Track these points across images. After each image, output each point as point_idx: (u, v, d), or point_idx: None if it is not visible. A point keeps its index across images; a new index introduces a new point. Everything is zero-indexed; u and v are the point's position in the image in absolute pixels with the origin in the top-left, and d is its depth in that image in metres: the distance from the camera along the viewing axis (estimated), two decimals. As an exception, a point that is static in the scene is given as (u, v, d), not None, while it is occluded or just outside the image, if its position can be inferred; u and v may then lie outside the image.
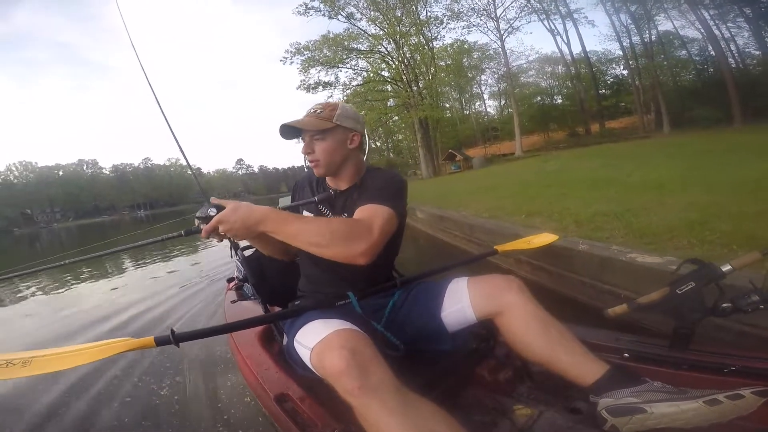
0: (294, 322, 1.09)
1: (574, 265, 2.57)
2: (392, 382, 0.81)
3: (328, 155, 1.12)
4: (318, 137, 1.11)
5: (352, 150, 1.16)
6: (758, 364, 0.93)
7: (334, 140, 1.12)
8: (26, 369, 0.77)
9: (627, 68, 26.58)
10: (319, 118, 1.10)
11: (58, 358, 0.80)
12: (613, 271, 2.27)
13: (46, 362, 0.79)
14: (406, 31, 22.57)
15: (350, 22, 22.69)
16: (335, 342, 0.85)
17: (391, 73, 23.74)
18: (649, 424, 0.83)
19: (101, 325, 3.41)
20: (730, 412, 0.79)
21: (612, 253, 2.35)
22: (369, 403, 0.77)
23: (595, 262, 2.40)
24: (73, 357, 0.80)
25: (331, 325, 0.93)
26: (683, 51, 23.69)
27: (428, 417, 0.78)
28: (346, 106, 1.15)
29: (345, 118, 1.12)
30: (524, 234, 2.60)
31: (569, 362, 0.98)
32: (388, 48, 23.17)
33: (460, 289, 1.14)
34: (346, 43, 22.53)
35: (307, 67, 22.41)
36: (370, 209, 1.04)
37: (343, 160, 1.15)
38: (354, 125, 1.14)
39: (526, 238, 1.50)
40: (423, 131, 23.62)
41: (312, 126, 1.10)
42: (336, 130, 1.11)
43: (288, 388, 1.12)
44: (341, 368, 0.79)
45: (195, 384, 2.02)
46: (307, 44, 22.21)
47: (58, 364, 0.79)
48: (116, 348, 0.82)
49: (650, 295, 1.07)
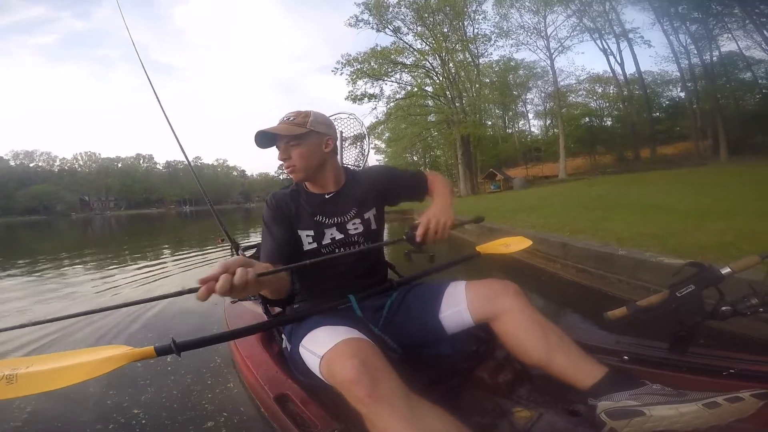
0: (297, 327, 1.10)
1: (614, 267, 3.06)
2: (402, 390, 0.82)
3: (305, 160, 1.14)
4: (293, 143, 1.13)
5: (328, 153, 1.19)
6: (757, 367, 0.94)
7: (310, 145, 1.14)
8: (11, 388, 0.71)
9: (684, 90, 25.14)
10: (292, 125, 1.13)
11: (49, 376, 0.74)
12: (645, 270, 2.77)
13: (37, 380, 0.73)
14: (452, 47, 22.87)
15: (397, 36, 23.37)
16: (345, 351, 0.87)
17: (434, 88, 23.97)
18: (647, 427, 0.83)
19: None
20: (729, 414, 0.79)
21: (645, 257, 2.86)
22: (379, 411, 0.78)
23: (630, 264, 2.91)
24: (67, 373, 0.75)
25: (339, 333, 0.95)
26: (748, 73, 22.18)
27: (438, 423, 0.79)
28: (317, 112, 1.19)
29: (318, 123, 1.15)
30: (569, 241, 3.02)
31: (567, 365, 0.98)
32: (433, 63, 23.53)
33: (458, 293, 1.15)
34: (392, 56, 23.10)
35: (355, 79, 23.19)
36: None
37: (320, 164, 1.18)
38: (327, 130, 1.18)
39: (503, 240, 1.55)
40: (464, 148, 23.65)
41: (286, 132, 1.12)
42: (310, 135, 1.14)
43: (288, 389, 1.13)
44: (352, 377, 0.81)
45: (194, 384, 2.01)
46: (357, 56, 23.03)
47: (48, 382, 0.73)
48: (115, 361, 0.79)
49: (650, 298, 1.08)
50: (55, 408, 1.87)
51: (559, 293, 3.35)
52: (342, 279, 1.19)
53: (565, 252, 3.72)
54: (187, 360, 2.25)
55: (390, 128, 26.06)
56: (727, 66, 22.31)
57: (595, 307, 2.71)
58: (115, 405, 1.87)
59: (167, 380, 2.07)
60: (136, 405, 1.86)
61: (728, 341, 1.11)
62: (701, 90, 22.88)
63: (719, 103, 21.69)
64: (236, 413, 1.66)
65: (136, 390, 2.00)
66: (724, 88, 22.51)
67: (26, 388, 0.71)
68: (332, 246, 1.19)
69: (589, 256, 3.34)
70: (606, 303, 2.65)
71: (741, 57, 21.80)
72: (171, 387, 2.00)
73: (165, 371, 2.17)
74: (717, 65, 22.17)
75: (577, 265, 3.46)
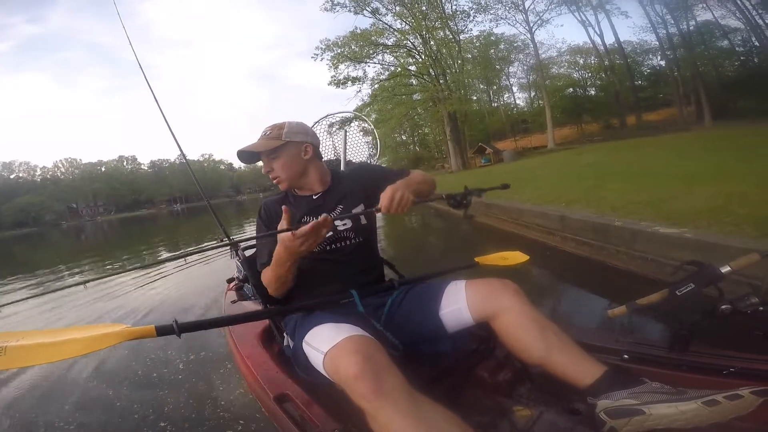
0: (299, 323, 1.12)
1: (611, 238, 3.22)
2: (405, 388, 0.83)
3: (287, 170, 1.22)
4: (273, 156, 1.21)
5: (309, 160, 1.25)
6: (757, 365, 0.94)
7: (288, 155, 1.21)
8: (1, 360, 0.66)
9: (664, 58, 25.57)
10: (269, 139, 1.21)
11: (42, 349, 0.69)
12: (642, 240, 2.88)
13: (27, 353, 0.68)
14: (432, 25, 22.63)
15: (376, 17, 23.05)
16: (349, 347, 0.88)
17: (417, 67, 23.86)
18: (647, 425, 0.83)
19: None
20: (728, 412, 0.79)
21: (641, 227, 2.99)
22: (383, 407, 0.79)
23: (627, 235, 3.04)
24: (62, 347, 0.70)
25: (342, 330, 0.95)
26: (725, 41, 22.59)
27: (441, 421, 0.80)
28: (293, 122, 1.25)
29: (293, 133, 1.22)
30: (567, 213, 3.29)
31: (566, 364, 0.98)
32: (414, 42, 23.34)
33: (458, 291, 1.16)
34: (373, 38, 22.86)
35: (336, 63, 22.96)
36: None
37: (302, 171, 1.25)
38: (304, 138, 1.24)
39: (501, 253, 1.60)
40: (452, 124, 23.68)
41: (264, 147, 1.20)
42: (287, 146, 1.20)
43: (288, 388, 1.13)
44: (356, 373, 0.82)
45: (194, 384, 2.02)
46: (337, 41, 22.77)
47: (41, 356, 0.69)
48: (112, 338, 0.75)
49: (650, 297, 1.08)
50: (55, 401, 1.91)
51: (564, 268, 3.46)
52: (338, 275, 1.22)
53: (563, 225, 3.85)
54: (187, 358, 2.27)
55: (376, 110, 25.88)
56: (704, 35, 22.68)
57: (601, 281, 2.95)
58: (115, 404, 1.89)
59: (166, 380, 2.09)
60: (136, 404, 1.87)
61: (728, 340, 1.09)
62: (680, 58, 23.22)
63: (699, 71, 22.09)
64: (236, 413, 1.68)
65: (136, 389, 2.02)
66: (703, 55, 22.87)
67: (16, 360, 0.68)
68: (322, 243, 1.19)
69: (587, 228, 3.48)
70: (608, 275, 2.90)
71: (717, 25, 22.23)
72: (171, 387, 2.01)
73: (165, 371, 2.18)
74: (694, 34, 22.55)
75: (576, 237, 3.58)
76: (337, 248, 1.23)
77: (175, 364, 2.25)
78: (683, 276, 1.04)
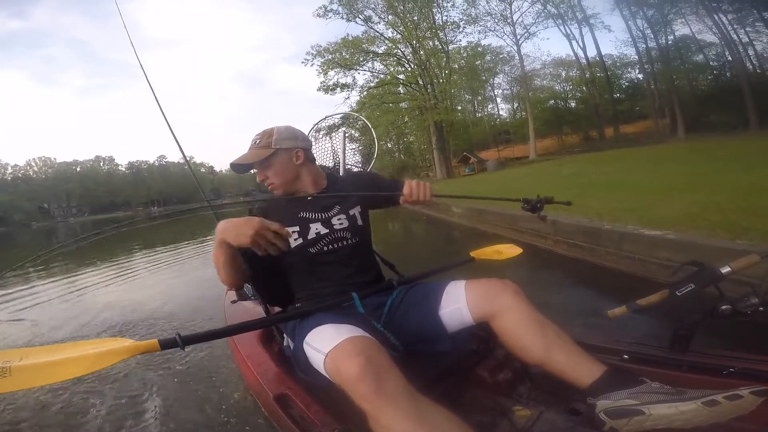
0: (300, 323, 1.11)
1: (601, 240, 3.51)
2: (406, 389, 0.83)
3: (280, 176, 1.24)
4: (265, 165, 1.23)
5: (301, 164, 1.26)
6: (757, 366, 0.94)
7: (280, 163, 1.23)
8: (5, 382, 0.66)
9: (642, 72, 26.52)
10: (259, 149, 1.22)
11: (49, 368, 0.69)
12: (629, 242, 3.20)
13: (33, 372, 0.68)
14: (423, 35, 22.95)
15: (368, 25, 23.31)
16: (351, 349, 0.88)
17: (406, 75, 24.11)
18: (647, 426, 0.83)
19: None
20: (728, 412, 0.79)
21: (627, 230, 3.31)
22: (384, 408, 0.79)
23: (616, 237, 3.34)
24: (68, 366, 0.71)
25: (343, 331, 0.95)
26: (700, 55, 23.51)
27: (442, 422, 0.80)
28: (281, 128, 1.25)
29: (283, 140, 1.22)
30: (557, 218, 3.65)
31: (566, 364, 0.98)
32: (404, 51, 23.62)
33: (457, 291, 1.16)
34: (364, 45, 23.04)
35: (326, 69, 23.00)
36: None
37: (296, 176, 1.26)
38: (293, 144, 1.24)
39: (496, 247, 1.63)
40: (438, 134, 23.96)
41: (255, 158, 1.21)
42: (278, 153, 1.22)
43: (288, 388, 1.14)
44: (357, 374, 0.82)
45: (194, 384, 2.03)
46: (328, 47, 22.83)
47: (48, 375, 0.69)
48: (117, 354, 0.76)
49: (650, 297, 1.08)
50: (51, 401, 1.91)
51: (559, 269, 3.67)
52: (338, 275, 1.22)
53: (555, 228, 4.09)
54: (188, 360, 2.28)
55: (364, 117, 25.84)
56: (681, 49, 23.51)
57: (594, 280, 3.16)
58: (114, 403, 1.90)
59: (166, 380, 2.11)
60: (136, 404, 1.89)
61: (728, 340, 1.11)
62: (658, 72, 24.05)
63: (674, 84, 22.92)
64: (236, 413, 1.69)
65: (136, 389, 2.03)
66: (679, 69, 23.70)
67: (21, 381, 0.66)
68: (318, 241, 1.21)
69: (578, 231, 3.74)
70: (599, 275, 3.14)
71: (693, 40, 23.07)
72: (171, 388, 2.03)
73: (166, 371, 2.19)
74: (672, 48, 23.36)
75: (568, 240, 3.85)
76: (336, 249, 1.23)
77: (176, 363, 2.26)
78: (683, 276, 1.05)
